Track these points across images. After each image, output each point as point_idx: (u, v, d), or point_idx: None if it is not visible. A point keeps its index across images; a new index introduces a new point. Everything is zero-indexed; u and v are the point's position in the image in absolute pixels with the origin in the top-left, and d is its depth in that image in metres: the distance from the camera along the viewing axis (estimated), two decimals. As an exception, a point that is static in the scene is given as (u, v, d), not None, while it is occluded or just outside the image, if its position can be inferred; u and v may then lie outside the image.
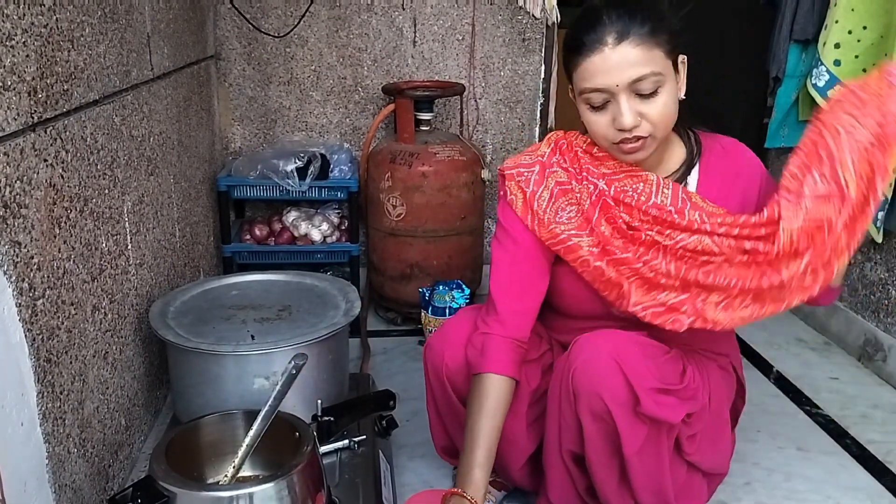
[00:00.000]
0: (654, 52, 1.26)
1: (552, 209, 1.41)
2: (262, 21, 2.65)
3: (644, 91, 1.26)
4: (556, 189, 1.42)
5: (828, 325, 2.56)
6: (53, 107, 1.29)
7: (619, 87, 1.26)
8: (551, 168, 1.43)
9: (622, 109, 1.27)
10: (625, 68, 1.25)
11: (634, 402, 1.30)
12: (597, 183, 1.40)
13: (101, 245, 1.52)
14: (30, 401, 1.21)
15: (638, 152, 1.32)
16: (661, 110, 1.28)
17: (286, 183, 2.48)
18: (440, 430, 1.62)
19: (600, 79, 1.27)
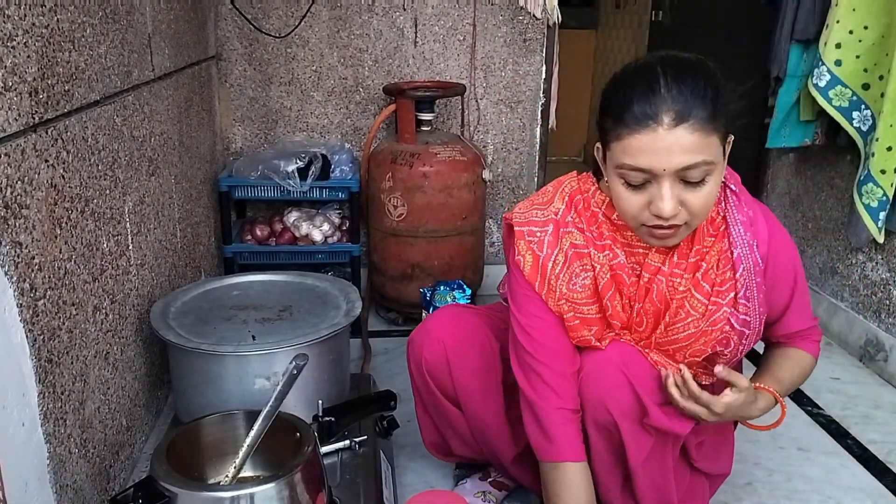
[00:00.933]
0: (711, 138, 1.13)
1: (566, 275, 1.31)
2: (263, 21, 2.65)
3: (692, 179, 1.14)
4: (571, 252, 1.31)
5: (829, 325, 2.56)
6: (54, 107, 1.30)
7: (666, 172, 1.13)
8: (566, 228, 1.32)
9: (664, 194, 1.14)
10: (676, 154, 1.12)
11: (642, 413, 1.29)
12: (617, 253, 1.31)
13: (102, 245, 1.52)
14: (31, 401, 1.21)
15: (668, 239, 1.23)
16: (704, 201, 1.17)
17: (287, 183, 2.48)
18: (429, 426, 1.63)
19: (646, 159, 1.13)
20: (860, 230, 2.23)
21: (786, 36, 2.38)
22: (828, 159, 2.59)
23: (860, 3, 2.14)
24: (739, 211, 1.31)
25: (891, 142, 2.09)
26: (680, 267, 1.31)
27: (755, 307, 1.31)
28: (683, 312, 1.31)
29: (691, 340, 1.31)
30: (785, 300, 1.37)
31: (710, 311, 1.30)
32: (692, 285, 1.31)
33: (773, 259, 1.33)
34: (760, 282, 1.31)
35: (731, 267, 1.30)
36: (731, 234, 1.30)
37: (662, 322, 1.32)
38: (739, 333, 1.32)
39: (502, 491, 1.66)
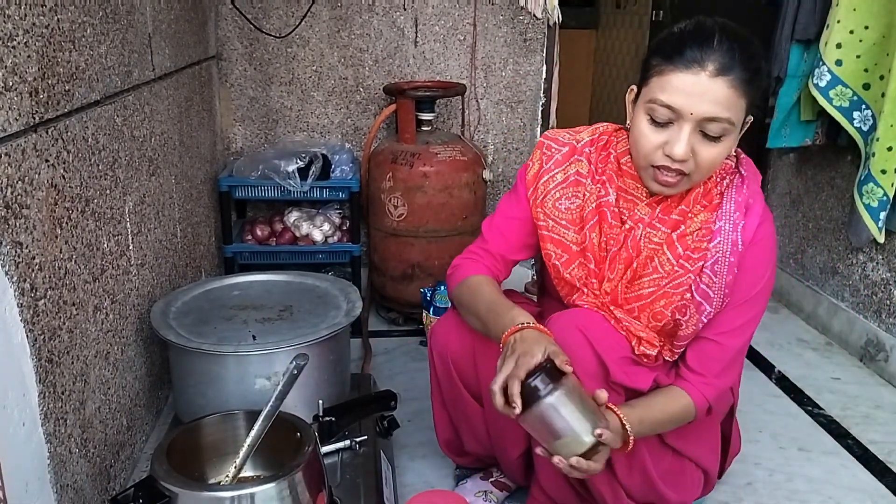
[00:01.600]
0: (740, 101, 1.21)
1: (558, 192, 1.41)
2: (264, 21, 2.65)
3: (710, 132, 1.22)
4: (573, 178, 1.41)
5: (829, 325, 2.56)
6: (55, 107, 1.30)
7: (692, 117, 1.20)
8: (579, 156, 1.42)
9: (682, 137, 1.22)
10: (708, 102, 1.19)
11: (605, 373, 1.32)
12: (608, 192, 1.38)
13: (102, 245, 1.52)
14: (31, 401, 1.21)
15: (669, 187, 1.28)
16: (712, 158, 1.24)
17: (287, 183, 2.48)
18: (445, 422, 1.62)
19: (680, 99, 1.20)
20: (861, 230, 2.23)
21: (786, 36, 2.37)
22: (828, 159, 2.58)
23: (861, 3, 2.14)
24: (738, 192, 1.35)
25: (891, 142, 2.08)
26: (661, 221, 1.35)
27: (720, 284, 1.33)
28: (651, 267, 1.35)
29: (653, 298, 1.35)
30: (733, 300, 1.35)
31: (676, 273, 1.34)
32: (666, 242, 1.35)
33: (752, 251, 1.34)
34: (734, 262, 1.32)
35: (709, 239, 1.33)
36: (722, 208, 1.34)
37: (630, 270, 1.36)
38: (697, 305, 1.34)
39: (503, 491, 1.66)
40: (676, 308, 1.34)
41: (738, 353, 1.40)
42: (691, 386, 1.38)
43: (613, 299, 1.39)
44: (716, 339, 1.37)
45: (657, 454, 1.44)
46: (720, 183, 1.35)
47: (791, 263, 2.83)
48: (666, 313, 1.35)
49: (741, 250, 1.32)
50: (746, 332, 1.39)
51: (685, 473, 1.50)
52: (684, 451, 1.48)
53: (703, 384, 1.38)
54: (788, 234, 2.84)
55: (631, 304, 1.37)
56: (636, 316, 1.37)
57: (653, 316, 1.36)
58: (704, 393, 1.37)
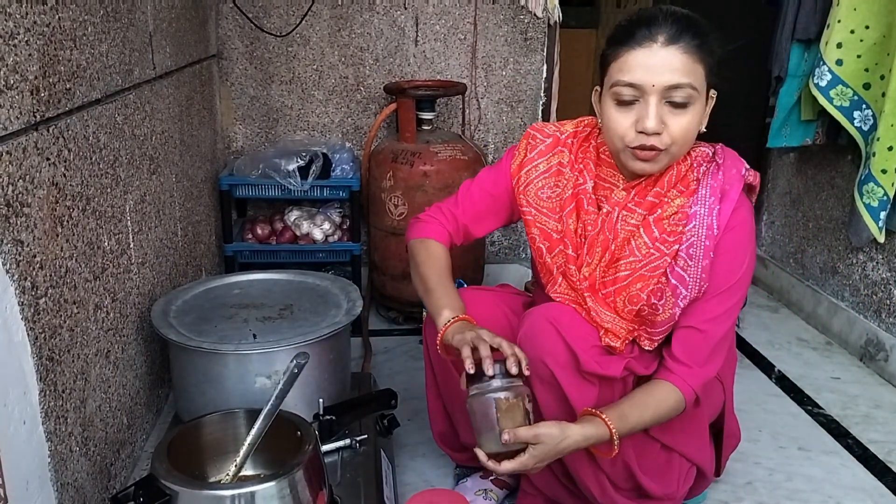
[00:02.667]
0: (698, 67, 1.25)
1: (541, 182, 1.46)
2: (264, 20, 2.65)
3: (676, 100, 1.25)
4: (556, 168, 1.45)
5: (829, 324, 2.56)
6: (56, 106, 1.30)
7: (655, 88, 1.24)
8: (562, 147, 1.46)
9: (650, 111, 1.25)
10: (666, 71, 1.24)
11: (576, 362, 1.33)
12: (586, 180, 1.42)
13: (103, 244, 1.52)
14: (32, 399, 1.21)
15: (648, 163, 1.30)
16: (684, 127, 1.27)
17: (288, 182, 2.48)
18: (439, 413, 1.63)
19: (640, 74, 1.25)
20: (861, 230, 2.23)
21: (787, 36, 2.38)
22: (828, 159, 2.59)
23: (861, 3, 2.14)
24: (714, 178, 1.36)
25: (892, 141, 2.09)
26: (637, 203, 1.38)
27: (696, 268, 1.34)
28: (628, 251, 1.37)
29: (629, 281, 1.37)
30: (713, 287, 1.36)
31: (652, 256, 1.35)
32: (643, 225, 1.37)
33: (729, 238, 1.35)
34: (709, 246, 1.33)
35: (684, 223, 1.35)
36: (698, 193, 1.35)
37: (608, 253, 1.38)
38: (673, 288, 1.34)
39: (503, 489, 1.66)
40: (652, 291, 1.35)
41: (721, 340, 1.39)
42: (677, 377, 1.37)
43: (591, 283, 1.40)
44: (699, 327, 1.37)
45: (641, 446, 1.44)
46: (697, 169, 1.37)
47: (791, 263, 2.83)
48: (642, 296, 1.36)
49: (716, 234, 1.34)
50: (728, 319, 1.39)
51: (672, 466, 1.50)
52: (671, 444, 1.48)
53: (689, 374, 1.37)
54: (789, 234, 2.84)
55: (608, 288, 1.39)
56: (612, 301, 1.38)
57: (629, 300, 1.37)
58: (691, 383, 1.37)
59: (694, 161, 1.38)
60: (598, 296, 1.40)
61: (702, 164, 1.37)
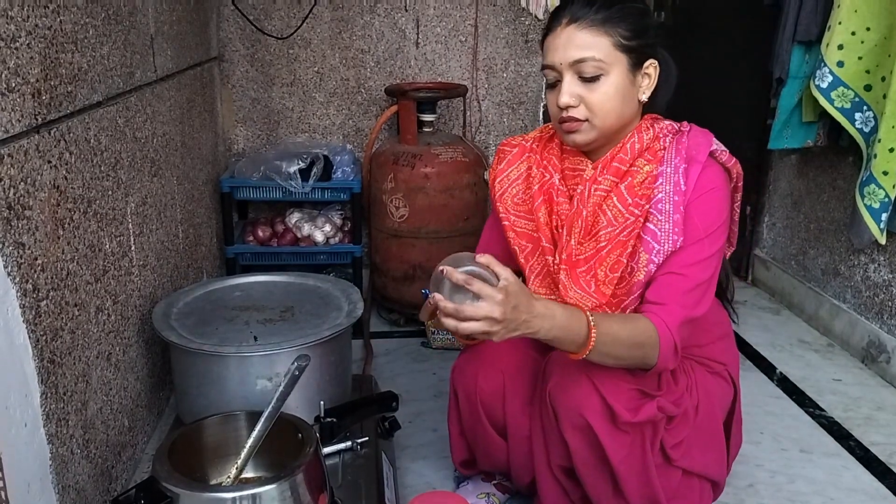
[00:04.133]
0: (602, 39, 1.31)
1: (514, 189, 1.51)
2: (266, 23, 2.65)
3: (585, 74, 1.32)
4: (525, 172, 1.51)
5: (831, 326, 2.56)
6: (57, 108, 1.30)
7: (563, 66, 1.33)
8: (529, 153, 1.51)
9: (562, 88, 1.34)
10: (569, 49, 1.32)
11: (611, 414, 1.33)
12: (552, 174, 1.46)
13: (104, 246, 1.52)
14: (33, 402, 1.21)
15: (575, 134, 1.36)
16: (600, 98, 1.33)
17: (289, 184, 2.48)
18: (461, 447, 1.61)
19: (549, 55, 1.35)
20: (862, 231, 2.23)
21: (788, 37, 2.37)
22: (830, 160, 2.58)
23: (862, 5, 2.14)
24: (679, 144, 1.39)
25: (893, 143, 2.08)
26: (602, 173, 1.41)
27: (667, 223, 1.34)
28: (605, 220, 1.39)
29: (609, 248, 1.38)
30: (688, 239, 1.34)
31: (627, 221, 1.37)
32: (615, 193, 1.39)
33: (702, 197, 1.35)
34: (679, 200, 1.34)
35: (653, 183, 1.37)
36: (664, 159, 1.38)
37: (583, 222, 1.39)
38: (646, 245, 1.34)
39: (505, 493, 1.66)
40: (629, 254, 1.36)
41: (699, 284, 1.34)
42: (653, 314, 1.31)
43: (569, 256, 1.40)
44: (675, 271, 1.34)
45: (667, 475, 1.43)
46: (663, 139, 1.40)
47: (793, 265, 2.83)
48: (622, 261, 1.37)
49: (684, 190, 1.34)
50: (707, 267, 1.35)
51: (692, 489, 1.50)
52: (692, 468, 1.47)
53: (664, 311, 1.31)
54: (790, 236, 2.84)
55: (590, 262, 1.39)
56: (594, 273, 1.38)
57: (610, 268, 1.38)
58: (666, 320, 1.30)
59: (659, 132, 1.41)
60: (574, 272, 1.40)
61: (667, 135, 1.41)
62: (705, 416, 1.47)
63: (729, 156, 1.40)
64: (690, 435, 1.45)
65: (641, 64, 1.36)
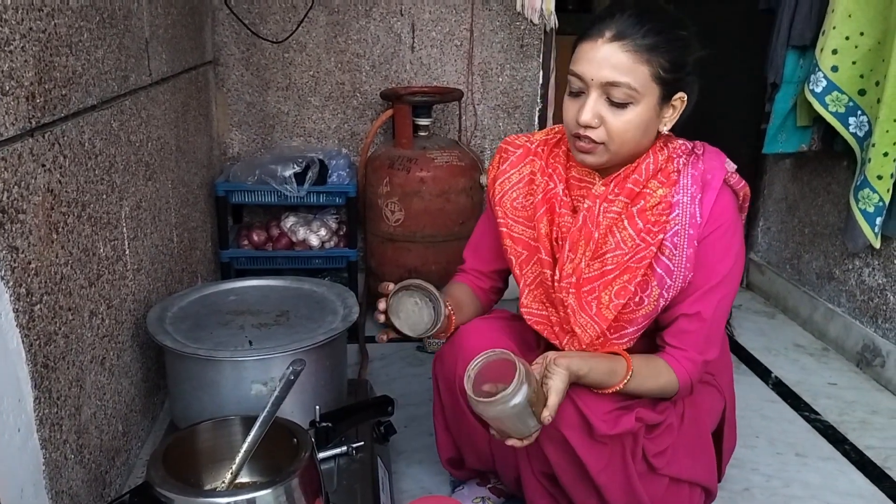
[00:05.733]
0: (641, 67, 1.24)
1: (514, 192, 1.47)
2: (261, 26, 2.65)
3: (615, 98, 1.26)
4: (528, 177, 1.47)
5: (826, 330, 2.56)
6: (51, 112, 1.29)
7: (593, 82, 1.26)
8: (533, 156, 1.47)
9: (587, 104, 1.28)
10: (604, 66, 1.25)
11: (588, 427, 1.34)
12: (556, 184, 1.42)
13: (98, 250, 1.51)
14: (27, 406, 1.20)
15: (588, 155, 1.32)
16: (622, 126, 1.27)
17: (284, 188, 2.48)
18: (447, 444, 1.61)
19: (582, 66, 1.28)
20: (857, 235, 2.24)
21: (782, 42, 2.38)
22: (824, 165, 2.59)
23: (856, 10, 2.15)
24: (694, 167, 1.36)
25: (887, 147, 2.09)
26: (616, 194, 1.37)
27: (681, 258, 1.33)
28: (613, 243, 1.36)
29: (616, 273, 1.35)
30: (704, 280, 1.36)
31: (638, 247, 1.34)
32: (626, 215, 1.35)
33: (714, 233, 1.34)
34: (694, 234, 1.33)
35: (668, 211, 1.34)
36: (679, 183, 1.35)
37: (592, 243, 1.36)
38: (659, 279, 1.33)
39: (501, 497, 1.66)
40: (638, 284, 1.34)
41: (716, 329, 1.39)
42: (674, 359, 1.37)
43: (578, 278, 1.37)
44: (695, 313, 1.36)
45: (652, 484, 1.43)
46: (676, 161, 1.36)
47: (787, 269, 2.83)
48: (629, 288, 1.34)
49: (700, 223, 1.33)
50: (722, 309, 1.38)
51: (681, 496, 1.49)
52: (680, 475, 1.47)
53: (685, 358, 1.37)
54: (785, 240, 2.85)
55: (594, 283, 1.37)
56: (597, 297, 1.36)
57: (615, 293, 1.35)
58: (687, 367, 1.37)
59: (672, 153, 1.37)
60: (580, 293, 1.37)
61: (681, 156, 1.37)
62: (691, 423, 1.47)
63: (738, 178, 1.39)
64: (676, 442, 1.44)
65: (671, 96, 1.30)
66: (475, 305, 1.59)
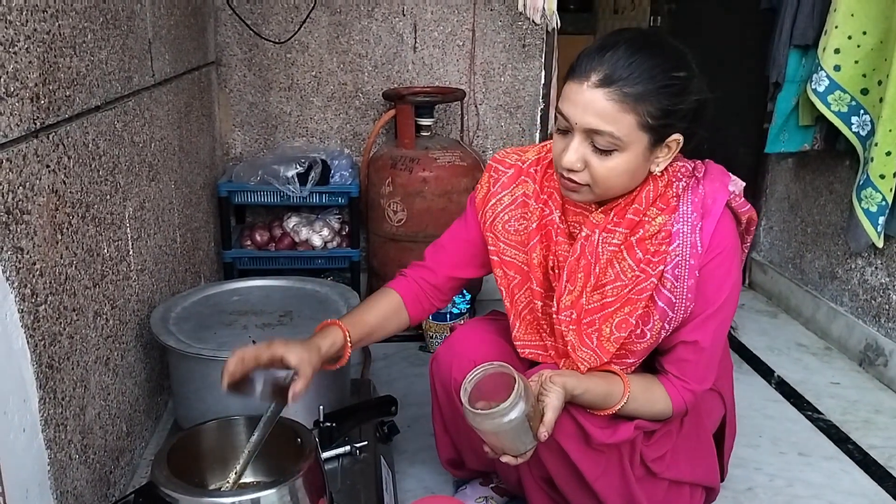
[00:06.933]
0: (626, 116, 1.17)
1: (506, 215, 1.41)
2: (263, 27, 2.65)
3: (598, 145, 1.20)
4: (521, 199, 1.40)
5: (829, 329, 2.56)
6: (56, 113, 1.30)
7: (577, 126, 1.21)
8: (525, 176, 1.40)
9: (570, 146, 1.22)
10: (588, 112, 1.19)
11: (585, 435, 1.33)
12: (552, 210, 1.37)
13: (102, 251, 1.52)
14: (32, 407, 1.21)
15: (573, 192, 1.28)
16: (605, 173, 1.22)
17: (287, 188, 2.48)
18: (446, 444, 1.61)
19: (567, 107, 1.22)
20: (859, 235, 2.24)
21: (784, 41, 2.38)
22: (827, 164, 2.59)
23: (858, 9, 2.15)
24: (694, 193, 1.31)
25: (890, 146, 2.09)
26: (616, 224, 1.31)
27: (682, 289, 1.30)
28: (612, 274, 1.32)
29: (617, 306, 1.31)
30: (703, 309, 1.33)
31: (639, 278, 1.30)
32: (625, 246, 1.31)
33: (713, 261, 1.30)
34: (695, 265, 1.29)
35: (668, 240, 1.29)
36: (678, 210, 1.30)
37: (592, 277, 1.32)
38: (661, 312, 1.30)
39: (504, 496, 1.66)
40: (640, 316, 1.31)
41: (714, 357, 1.38)
42: (672, 387, 1.36)
43: (579, 313, 1.34)
44: (693, 341, 1.34)
45: (652, 487, 1.42)
46: (675, 185, 1.31)
47: (790, 268, 2.83)
48: (630, 321, 1.30)
49: (700, 253, 1.29)
50: (720, 336, 1.37)
51: (682, 496, 1.49)
52: (681, 477, 1.46)
53: (684, 388, 1.36)
54: (787, 239, 2.85)
55: (593, 316, 1.33)
56: (597, 329, 1.33)
57: (616, 326, 1.32)
58: (684, 397, 1.36)
59: (672, 177, 1.31)
60: (580, 325, 1.34)
61: (681, 180, 1.31)
62: (691, 427, 1.46)
63: (742, 201, 1.34)
64: (676, 447, 1.44)
65: (664, 139, 1.23)
66: (396, 322, 1.49)
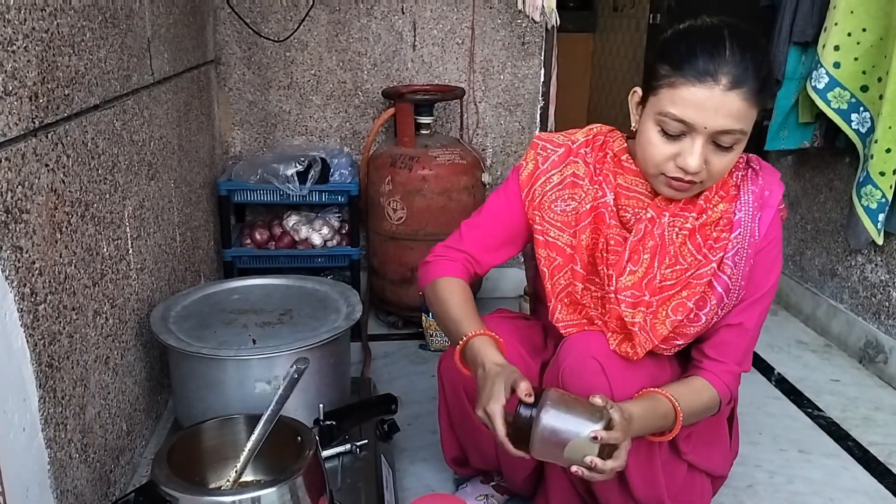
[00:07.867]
0: (753, 112, 1.20)
1: (554, 194, 1.40)
2: (262, 25, 2.65)
3: (722, 143, 1.21)
4: (570, 180, 1.39)
5: (829, 327, 2.56)
6: (55, 112, 1.29)
7: (706, 131, 1.19)
8: (575, 157, 1.40)
9: (695, 150, 1.20)
10: (722, 116, 1.18)
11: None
12: (605, 192, 1.36)
13: (102, 250, 1.52)
14: (31, 406, 1.21)
15: (682, 192, 1.28)
16: (723, 167, 1.24)
17: (286, 187, 2.48)
18: (452, 443, 1.61)
19: (693, 113, 1.18)
20: (859, 232, 2.24)
21: (784, 38, 2.38)
22: (826, 161, 2.59)
23: (858, 6, 2.14)
24: (754, 183, 1.35)
25: (889, 144, 2.09)
26: (685, 209, 1.33)
27: (737, 276, 1.32)
28: (678, 257, 1.33)
29: (677, 290, 1.32)
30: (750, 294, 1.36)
31: (700, 263, 1.32)
32: (688, 233, 1.33)
33: (765, 249, 1.35)
34: (751, 253, 1.32)
35: (729, 228, 1.32)
36: (740, 199, 1.33)
37: (658, 258, 1.32)
38: (718, 297, 1.32)
39: (504, 495, 1.66)
40: (697, 301, 1.32)
41: (754, 340, 1.40)
42: (712, 374, 1.37)
43: (642, 293, 1.33)
44: (737, 324, 1.36)
45: (670, 468, 1.43)
46: (735, 174, 1.35)
47: (790, 265, 2.83)
48: (688, 304, 1.32)
49: (757, 242, 1.33)
50: (761, 320, 1.39)
51: (695, 486, 1.49)
52: (698, 462, 1.47)
53: (725, 371, 1.37)
54: (787, 237, 2.85)
55: (652, 297, 1.33)
56: (655, 311, 1.33)
57: (673, 309, 1.32)
58: (727, 381, 1.37)
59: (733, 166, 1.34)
60: (638, 307, 1.33)
61: (739, 169, 1.35)
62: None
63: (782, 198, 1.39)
64: (698, 429, 1.44)
65: None
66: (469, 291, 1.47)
